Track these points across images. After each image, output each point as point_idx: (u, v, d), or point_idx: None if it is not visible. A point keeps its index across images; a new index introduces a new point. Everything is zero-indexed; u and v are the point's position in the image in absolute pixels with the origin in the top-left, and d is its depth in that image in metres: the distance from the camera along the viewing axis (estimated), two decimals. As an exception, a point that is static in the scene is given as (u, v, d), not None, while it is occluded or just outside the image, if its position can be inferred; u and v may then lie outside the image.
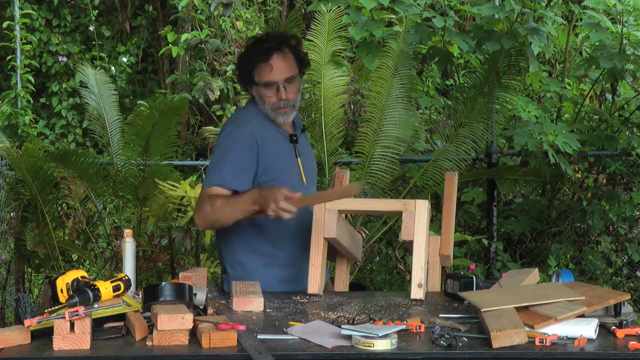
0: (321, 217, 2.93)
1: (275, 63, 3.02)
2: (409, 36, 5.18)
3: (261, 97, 3.05)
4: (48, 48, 7.66)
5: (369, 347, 2.25)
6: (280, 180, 2.99)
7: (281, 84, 3.03)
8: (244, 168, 3.00)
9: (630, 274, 5.88)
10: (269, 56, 3.02)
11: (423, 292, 2.87)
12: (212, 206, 2.93)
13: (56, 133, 7.66)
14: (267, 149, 3.03)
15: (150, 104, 4.96)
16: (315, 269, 2.95)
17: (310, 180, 3.19)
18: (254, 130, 3.03)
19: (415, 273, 2.88)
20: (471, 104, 5.23)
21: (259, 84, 3.04)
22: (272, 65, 3.02)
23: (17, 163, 4.86)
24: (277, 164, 3.06)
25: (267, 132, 3.06)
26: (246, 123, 3.05)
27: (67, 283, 2.50)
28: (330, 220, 2.93)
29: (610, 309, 2.57)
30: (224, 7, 6.78)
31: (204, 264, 5.07)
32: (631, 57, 5.13)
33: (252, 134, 3.02)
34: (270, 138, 3.06)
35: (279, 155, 3.08)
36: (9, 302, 5.12)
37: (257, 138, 3.02)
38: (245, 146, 3.00)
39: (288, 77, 3.04)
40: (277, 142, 3.09)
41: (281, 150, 3.09)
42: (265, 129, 3.07)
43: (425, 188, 5.34)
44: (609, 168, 5.79)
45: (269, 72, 3.02)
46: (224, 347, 2.26)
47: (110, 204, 5.53)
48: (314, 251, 2.95)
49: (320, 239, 2.95)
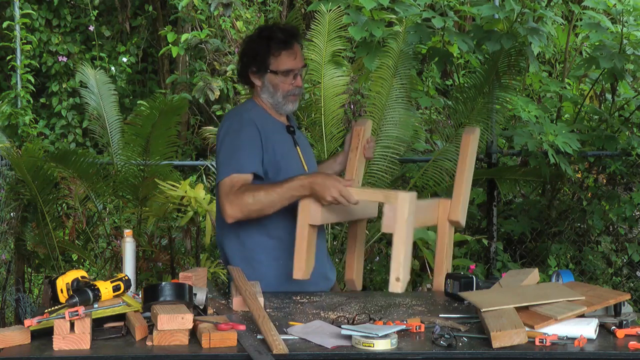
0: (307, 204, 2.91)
1: (296, 51, 3.10)
2: (409, 36, 5.18)
3: (275, 85, 3.08)
4: (48, 48, 7.66)
5: (369, 347, 2.25)
6: (283, 168, 3.03)
7: (299, 71, 3.10)
8: (256, 151, 3.01)
9: (630, 274, 5.88)
10: (292, 44, 3.09)
11: (402, 286, 2.80)
12: (254, 197, 2.90)
13: (56, 133, 7.66)
14: (268, 137, 3.05)
15: (150, 104, 4.96)
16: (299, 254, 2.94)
17: (310, 168, 3.20)
18: (255, 118, 3.06)
19: (393, 266, 2.81)
20: (471, 104, 5.23)
21: (277, 72, 3.07)
22: (295, 53, 3.09)
23: (17, 163, 4.86)
24: (279, 150, 3.07)
25: (266, 122, 3.09)
26: (247, 112, 3.10)
27: (67, 283, 2.50)
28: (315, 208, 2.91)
29: (610, 309, 2.57)
30: (224, 7, 6.78)
31: (204, 264, 5.07)
32: (631, 57, 5.13)
33: (254, 121, 3.05)
34: (270, 127, 3.09)
35: (279, 143, 3.10)
36: (9, 302, 5.12)
37: (258, 126, 3.05)
38: (251, 131, 3.02)
39: (303, 66, 3.14)
40: (277, 131, 3.12)
41: (281, 139, 3.12)
42: (263, 119, 3.10)
43: (425, 188, 5.34)
44: (609, 168, 5.79)
45: (292, 60, 3.08)
46: (224, 347, 2.26)
47: (110, 204, 5.53)
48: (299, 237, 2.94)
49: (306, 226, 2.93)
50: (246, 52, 3.14)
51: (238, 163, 2.96)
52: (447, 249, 3.22)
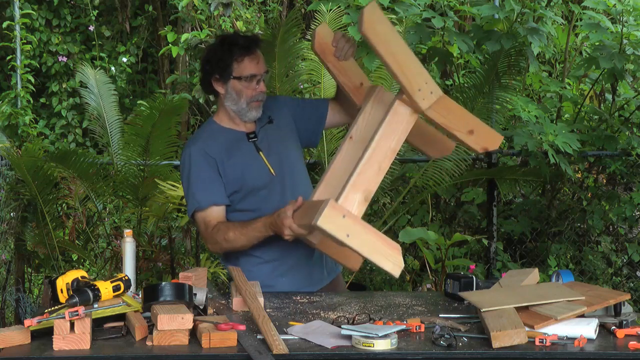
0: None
1: (259, 56, 3.10)
2: (409, 36, 5.17)
3: (238, 92, 3.08)
4: (48, 48, 7.65)
5: (369, 347, 2.25)
6: (249, 179, 3.06)
7: (262, 76, 3.09)
8: (210, 180, 3.06)
9: (630, 274, 5.88)
10: (254, 49, 3.09)
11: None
12: (225, 239, 3.00)
13: (56, 133, 7.66)
14: (224, 159, 3.08)
15: (150, 104, 4.96)
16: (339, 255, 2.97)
17: (280, 169, 3.15)
18: (202, 146, 3.09)
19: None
20: (471, 104, 5.23)
21: (240, 78, 3.06)
22: (258, 58, 3.09)
23: (17, 163, 4.86)
24: (240, 163, 3.09)
25: (218, 143, 3.10)
26: (193, 144, 3.13)
27: (67, 283, 2.50)
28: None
29: (610, 309, 2.57)
30: (224, 7, 6.77)
31: (204, 264, 5.07)
32: (631, 57, 5.12)
33: (201, 150, 3.08)
34: (223, 147, 3.10)
35: (240, 156, 3.10)
36: (9, 302, 5.12)
37: (208, 152, 3.08)
38: (201, 165, 3.07)
39: (266, 71, 3.13)
40: (232, 147, 3.11)
41: (241, 151, 3.12)
42: (216, 140, 3.11)
43: (425, 188, 5.34)
44: (609, 168, 5.79)
45: (255, 64, 3.08)
46: (224, 347, 2.26)
47: (110, 204, 5.53)
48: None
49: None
50: (209, 59, 3.13)
51: (195, 200, 3.06)
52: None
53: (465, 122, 2.66)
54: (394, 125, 2.60)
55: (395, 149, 2.60)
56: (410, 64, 2.59)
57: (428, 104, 2.59)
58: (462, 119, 2.66)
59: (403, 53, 2.59)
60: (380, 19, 2.57)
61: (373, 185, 2.56)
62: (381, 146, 2.57)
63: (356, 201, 2.52)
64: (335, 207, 2.44)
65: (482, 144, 2.67)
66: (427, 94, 2.59)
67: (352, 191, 2.52)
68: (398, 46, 2.59)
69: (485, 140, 2.68)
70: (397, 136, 2.60)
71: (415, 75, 2.59)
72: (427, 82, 2.59)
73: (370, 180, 2.55)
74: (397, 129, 2.60)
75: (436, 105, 2.60)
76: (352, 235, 2.42)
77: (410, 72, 2.58)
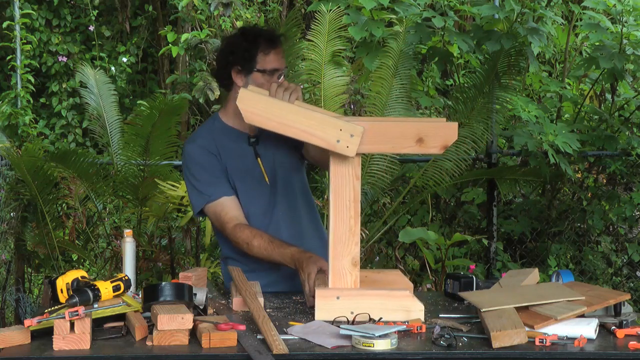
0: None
1: (282, 51, 3.08)
2: (409, 36, 5.18)
3: (259, 85, 2.97)
4: (48, 48, 7.65)
5: (369, 347, 2.25)
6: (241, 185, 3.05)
7: (282, 72, 3.06)
8: (216, 175, 3.05)
9: (630, 274, 5.88)
10: (279, 44, 3.07)
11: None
12: (247, 244, 2.96)
13: (56, 133, 7.65)
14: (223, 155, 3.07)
15: (150, 104, 4.96)
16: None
17: (274, 179, 3.12)
18: (204, 143, 3.08)
19: None
20: (471, 104, 5.23)
21: (265, 71, 3.02)
22: (281, 52, 3.07)
23: (17, 163, 4.86)
24: (236, 170, 3.08)
25: (218, 142, 3.09)
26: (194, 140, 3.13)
27: (67, 283, 2.50)
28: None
29: (610, 309, 2.57)
30: (224, 7, 6.77)
31: (204, 264, 5.07)
32: (631, 57, 5.13)
33: (203, 147, 3.08)
34: (223, 147, 3.09)
35: (235, 162, 3.08)
36: (9, 302, 5.13)
37: (209, 148, 3.07)
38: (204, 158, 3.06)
39: (286, 67, 3.12)
40: (234, 148, 3.10)
41: (237, 156, 3.10)
42: (217, 139, 3.10)
43: (425, 188, 5.34)
44: (609, 168, 5.79)
45: (279, 59, 3.05)
46: (224, 347, 2.26)
47: (110, 204, 5.53)
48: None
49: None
50: (232, 49, 3.06)
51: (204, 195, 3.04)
52: None
53: (408, 135, 2.55)
54: (340, 179, 2.57)
55: (356, 196, 2.57)
56: (313, 122, 2.53)
57: (354, 148, 2.52)
58: (403, 134, 2.55)
59: (300, 116, 2.53)
60: (255, 101, 2.54)
61: (353, 246, 2.57)
62: (339, 205, 2.56)
63: (346, 271, 2.58)
64: (325, 294, 2.54)
65: (438, 143, 2.55)
66: (347, 140, 2.52)
67: (337, 264, 2.57)
68: (292, 113, 2.54)
69: (440, 138, 2.55)
70: (350, 185, 2.57)
71: (325, 130, 2.52)
72: (342, 128, 2.52)
73: (348, 243, 2.58)
74: (345, 180, 2.57)
75: (365, 141, 2.53)
76: (356, 309, 2.53)
77: (319, 130, 2.52)
